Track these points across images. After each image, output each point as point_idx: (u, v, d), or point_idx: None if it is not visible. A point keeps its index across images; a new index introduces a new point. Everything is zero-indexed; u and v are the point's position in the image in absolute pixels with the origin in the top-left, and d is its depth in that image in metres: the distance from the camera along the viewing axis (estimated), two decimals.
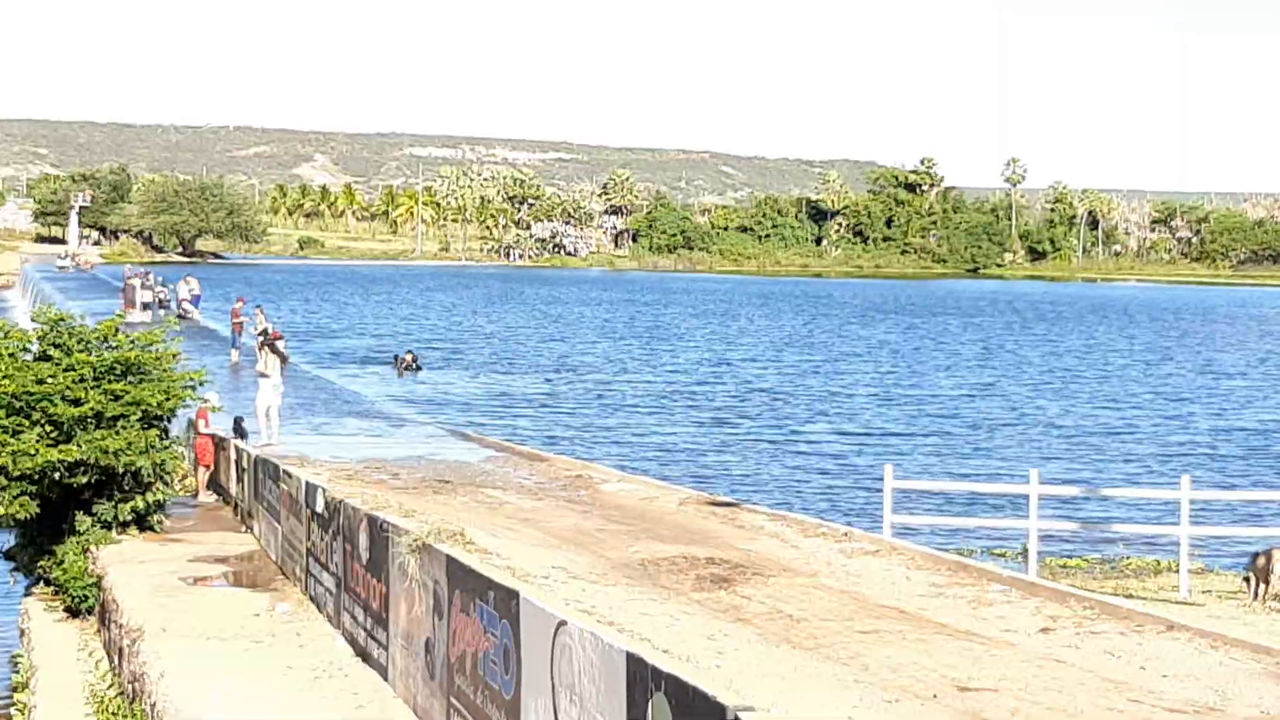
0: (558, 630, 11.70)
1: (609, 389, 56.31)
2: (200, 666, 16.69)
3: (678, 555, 15.37)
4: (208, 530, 25.02)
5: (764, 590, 13.65)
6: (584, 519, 18.14)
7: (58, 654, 20.68)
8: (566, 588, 13.40)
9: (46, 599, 23.38)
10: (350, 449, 26.26)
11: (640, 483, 22.24)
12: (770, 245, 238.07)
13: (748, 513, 18.65)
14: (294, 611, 19.39)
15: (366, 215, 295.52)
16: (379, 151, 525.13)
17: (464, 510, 18.38)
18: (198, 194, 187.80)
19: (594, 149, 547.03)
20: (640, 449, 40.85)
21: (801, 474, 37.60)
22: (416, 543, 15.25)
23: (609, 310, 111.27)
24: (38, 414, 23.20)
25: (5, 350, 24.19)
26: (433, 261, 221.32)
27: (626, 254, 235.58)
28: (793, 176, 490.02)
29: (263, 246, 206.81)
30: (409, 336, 77.89)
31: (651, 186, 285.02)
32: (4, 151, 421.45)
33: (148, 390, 23.91)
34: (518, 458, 25.71)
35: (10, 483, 22.86)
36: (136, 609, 19.19)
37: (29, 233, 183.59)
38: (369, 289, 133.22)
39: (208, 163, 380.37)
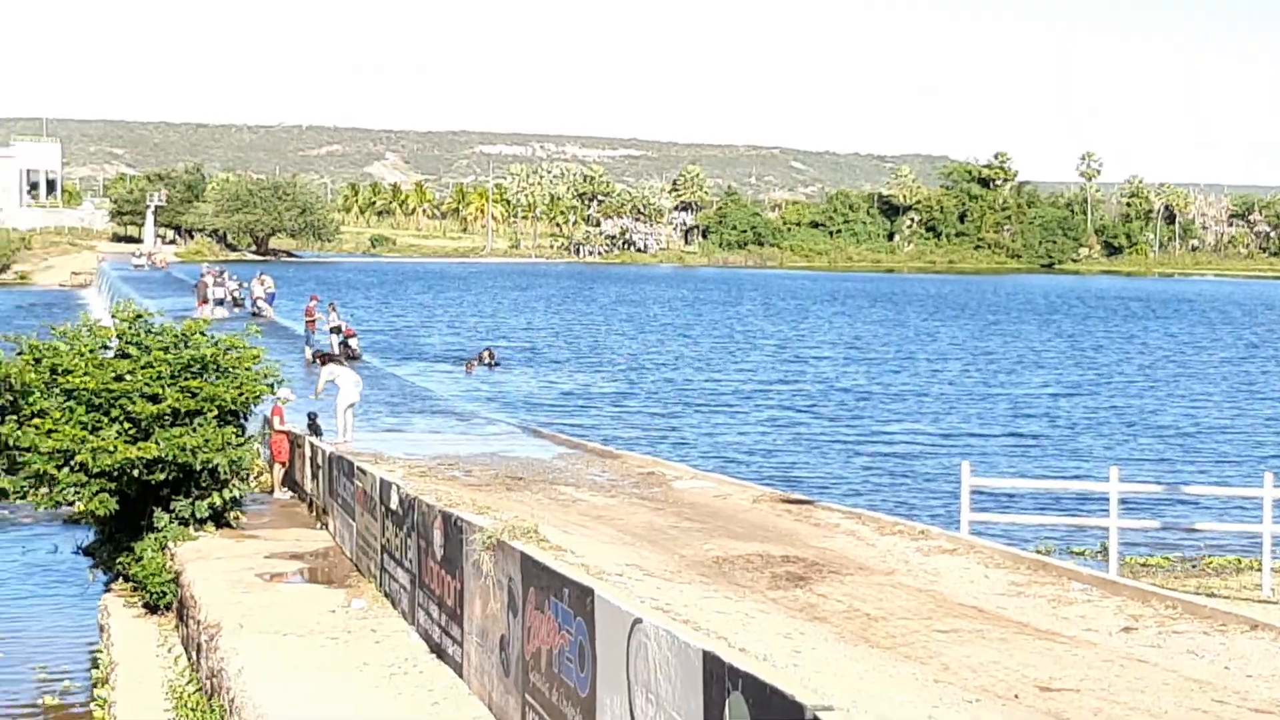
0: (633, 628, 11.63)
1: (680, 386, 56.24)
2: (277, 662, 16.75)
3: (752, 553, 15.29)
4: (284, 527, 25.14)
5: (840, 588, 13.55)
6: (657, 516, 18.09)
7: (137, 650, 20.83)
8: (641, 585, 13.34)
9: (126, 595, 23.57)
10: (424, 446, 26.33)
11: (713, 480, 22.16)
12: (842, 241, 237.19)
13: (823, 510, 18.54)
14: (369, 608, 19.44)
15: (437, 213, 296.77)
16: (450, 149, 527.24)
17: (537, 507, 18.37)
18: (271, 193, 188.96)
19: (664, 145, 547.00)
20: (712, 446, 40.76)
21: (876, 472, 37.38)
22: (490, 540, 15.24)
23: (680, 307, 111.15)
24: (117, 411, 23.40)
25: (85, 348, 24.42)
26: (503, 259, 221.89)
27: (696, 250, 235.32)
28: (864, 171, 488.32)
29: (335, 245, 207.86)
30: (481, 334, 78.09)
31: (722, 182, 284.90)
32: (81, 152, 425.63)
33: (223, 387, 24.07)
34: (590, 454, 25.69)
35: (90, 479, 23.07)
36: (214, 605, 19.30)
37: (105, 232, 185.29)
38: (440, 286, 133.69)
39: (281, 162, 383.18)
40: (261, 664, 16.69)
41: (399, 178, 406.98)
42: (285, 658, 16.96)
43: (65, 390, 23.38)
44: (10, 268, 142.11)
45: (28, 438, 22.76)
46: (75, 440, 22.75)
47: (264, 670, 16.48)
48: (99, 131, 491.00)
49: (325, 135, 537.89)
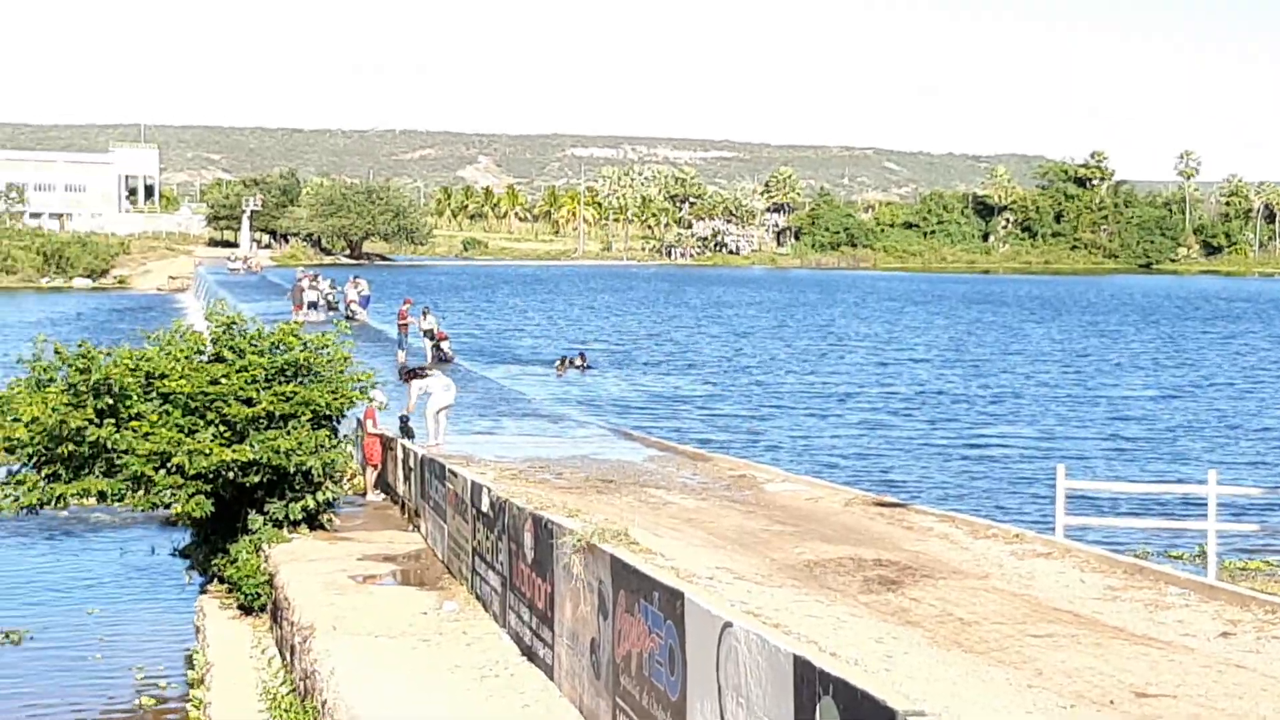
0: (723, 632, 11.57)
1: (773, 389, 56.07)
2: (369, 664, 16.82)
3: (844, 556, 15.18)
4: (376, 529, 25.28)
5: (933, 592, 13.41)
6: (748, 519, 18.00)
7: (232, 651, 21.01)
8: (731, 589, 13.27)
9: (221, 596, 23.78)
10: (514, 448, 26.38)
11: (805, 482, 22.04)
12: (936, 241, 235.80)
13: (916, 514, 18.37)
14: (461, 610, 19.48)
15: (529, 216, 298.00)
16: (542, 153, 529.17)
17: (628, 510, 18.34)
18: (364, 197, 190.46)
19: (756, 147, 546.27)
20: (805, 449, 40.59)
21: (971, 475, 37.07)
22: (581, 542, 15.22)
23: (772, 309, 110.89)
24: (212, 414, 23.63)
25: (181, 352, 24.68)
26: (594, 261, 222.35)
27: (789, 252, 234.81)
28: (958, 172, 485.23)
29: (428, 248, 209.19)
30: (572, 337, 78.27)
31: (814, 184, 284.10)
32: (179, 158, 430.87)
33: (317, 391, 24.24)
34: (681, 457, 25.64)
35: (186, 481, 23.30)
36: (307, 606, 19.41)
37: (202, 237, 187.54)
38: (531, 289, 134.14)
39: (374, 166, 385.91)
40: (354, 666, 16.76)
41: (491, 181, 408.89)
42: (377, 659, 17.02)
43: (162, 394, 23.63)
44: (109, 272, 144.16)
45: (125, 440, 23.02)
46: (172, 443, 22.98)
47: (356, 672, 16.55)
48: (196, 137, 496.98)
49: (418, 139, 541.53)
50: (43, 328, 65.24)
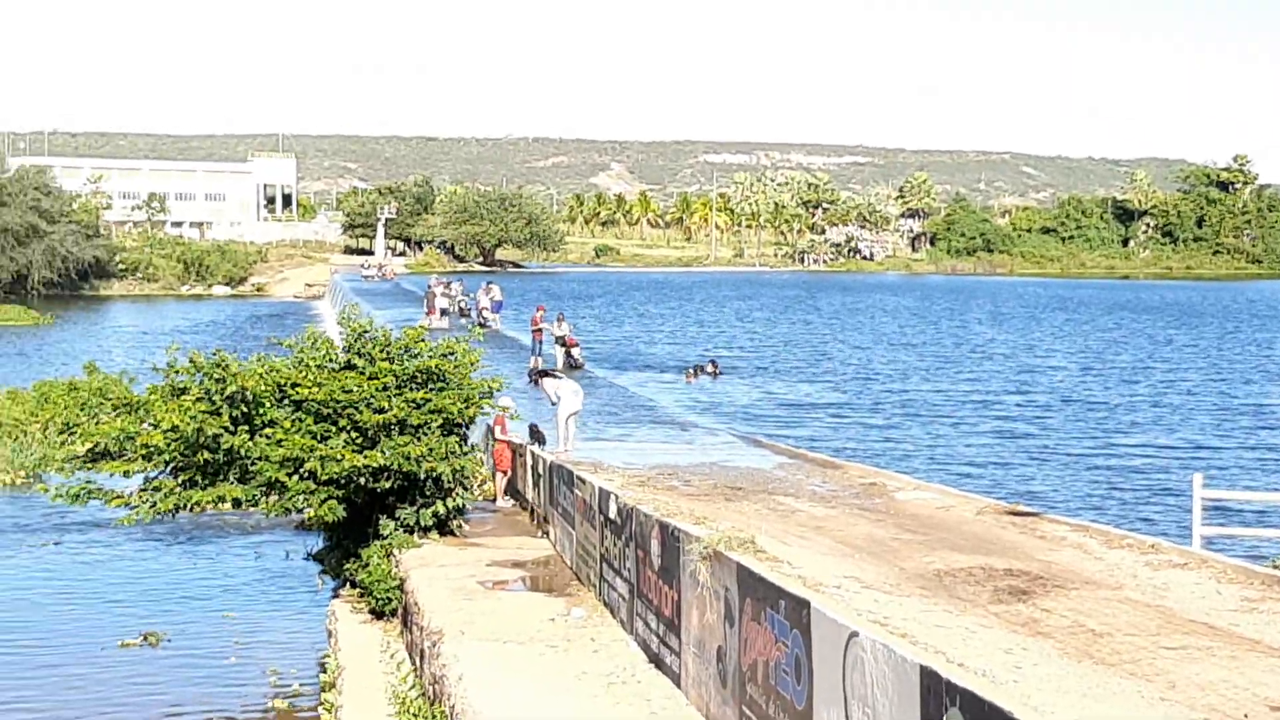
0: (849, 641, 11.48)
1: (906, 397, 55.65)
2: (497, 669, 16.89)
3: (975, 566, 14.97)
4: (505, 535, 25.39)
5: (1065, 603, 13.18)
6: (877, 528, 17.82)
7: (363, 655, 21.20)
8: (859, 598, 13.14)
9: (352, 601, 24.02)
10: (643, 455, 26.36)
11: (936, 491, 21.79)
12: (1074, 247, 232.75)
13: (1048, 523, 18.08)
14: (588, 617, 19.51)
15: (661, 223, 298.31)
16: (674, 159, 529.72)
17: (755, 517, 18.23)
18: (498, 204, 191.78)
19: (891, 152, 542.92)
20: (937, 458, 40.23)
21: (1106, 485, 36.52)
22: (707, 550, 15.17)
23: (906, 316, 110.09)
24: (344, 421, 23.89)
25: (313, 360, 24.97)
26: (726, 268, 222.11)
27: (924, 258, 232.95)
28: (1098, 176, 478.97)
29: (560, 255, 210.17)
30: (703, 343, 78.23)
31: (950, 189, 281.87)
32: (316, 167, 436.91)
33: (448, 398, 24.42)
34: (810, 465, 25.47)
35: (319, 487, 23.60)
36: (437, 611, 19.54)
37: (338, 245, 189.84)
38: (663, 296, 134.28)
39: (508, 174, 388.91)
40: (482, 671, 16.84)
41: (624, 188, 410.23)
42: (505, 665, 17.09)
43: (295, 401, 23.93)
44: (247, 280, 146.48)
45: (258, 448, 23.34)
46: (304, 449, 23.27)
47: (484, 677, 16.62)
48: (333, 146, 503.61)
49: (551, 147, 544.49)
50: (181, 335, 66.43)
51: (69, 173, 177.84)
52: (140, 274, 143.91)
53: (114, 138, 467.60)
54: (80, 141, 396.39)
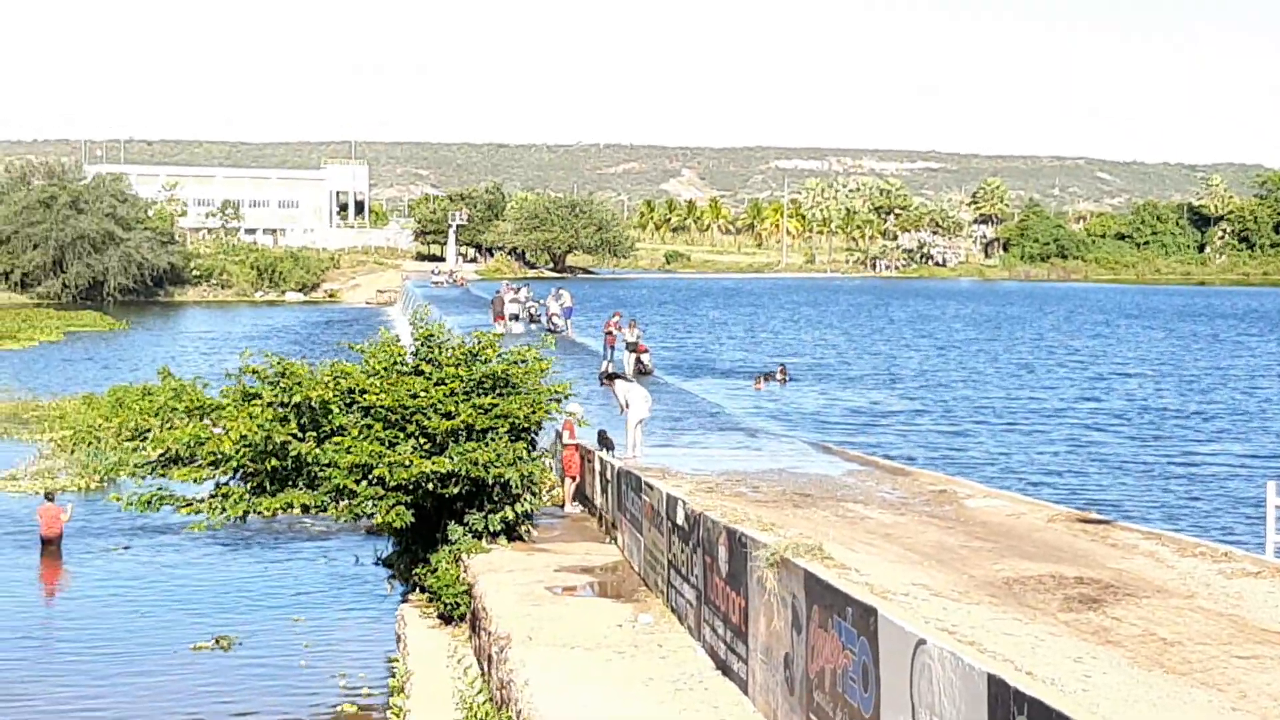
0: (917, 649, 11.41)
1: (977, 404, 55.30)
2: (564, 675, 16.90)
3: (1045, 574, 14.84)
4: (573, 541, 25.40)
5: (1136, 611, 13.04)
6: (947, 535, 17.70)
7: (431, 660, 21.26)
8: (927, 605, 13.05)
9: (421, 605, 24.08)
10: (711, 462, 26.30)
11: (1007, 498, 21.62)
12: (1149, 253, 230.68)
13: (1120, 531, 17.91)
14: (656, 623, 19.49)
15: (732, 229, 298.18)
16: (745, 165, 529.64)
17: (823, 524, 18.15)
18: (568, 211, 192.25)
19: (964, 157, 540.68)
20: (1009, 465, 39.95)
21: (1181, 493, 36.15)
22: (774, 557, 15.12)
23: (978, 323, 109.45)
24: (412, 426, 23.98)
25: (381, 366, 25.08)
26: (797, 274, 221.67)
27: (997, 264, 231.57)
28: (1173, 181, 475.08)
29: (630, 261, 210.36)
30: (773, 350, 78.07)
31: (1024, 194, 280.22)
32: (388, 174, 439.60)
33: (515, 403, 24.45)
34: (880, 471, 25.34)
35: (388, 492, 23.69)
36: (504, 617, 19.57)
37: (410, 251, 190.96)
38: (733, 302, 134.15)
39: (579, 180, 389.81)
40: (549, 676, 16.85)
41: (694, 194, 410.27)
42: (572, 670, 17.09)
43: (363, 407, 24.04)
44: (320, 286, 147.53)
45: (327, 454, 23.45)
46: (373, 455, 23.36)
47: (551, 682, 16.63)
48: (405, 153, 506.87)
49: (622, 153, 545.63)
50: (253, 340, 66.89)
51: (145, 180, 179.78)
52: (214, 280, 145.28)
53: (189, 146, 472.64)
54: (156, 149, 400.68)
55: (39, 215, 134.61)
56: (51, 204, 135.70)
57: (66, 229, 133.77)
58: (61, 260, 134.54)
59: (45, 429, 45.34)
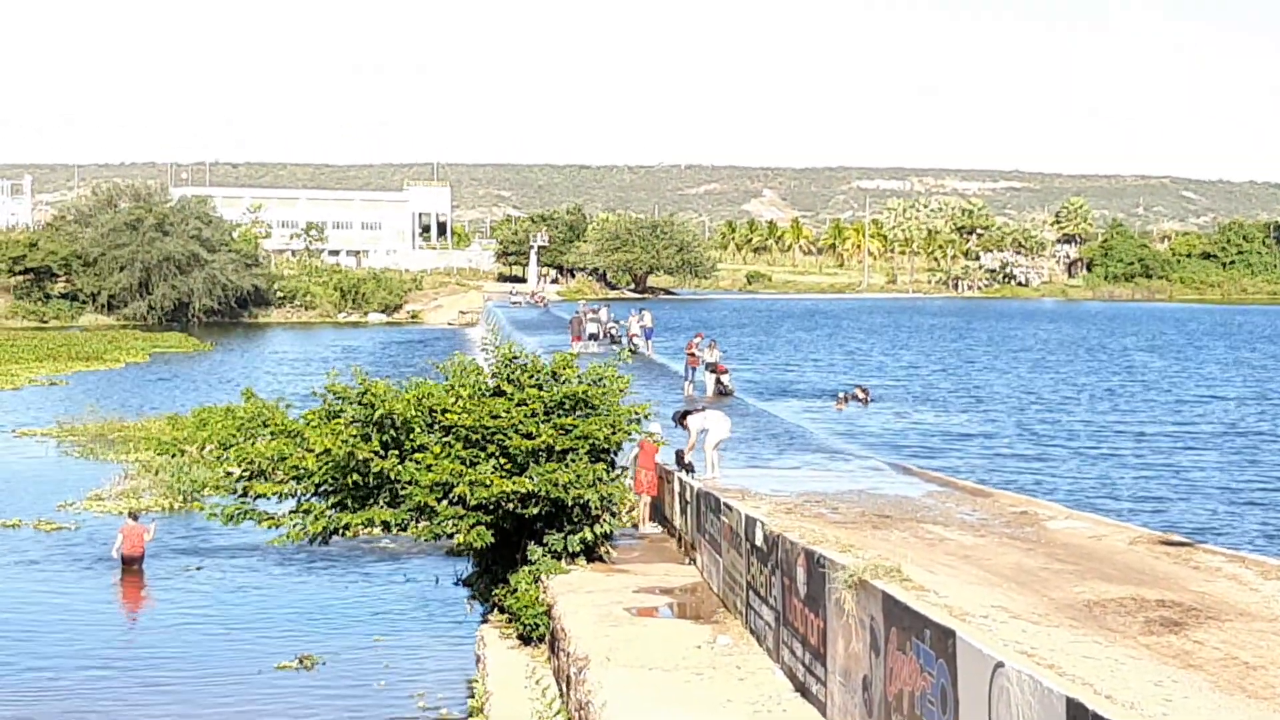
0: (995, 671, 11.35)
1: (1060, 426, 54.85)
2: (642, 697, 16.90)
3: (1126, 596, 14.71)
4: (652, 562, 25.38)
5: (1218, 635, 12.90)
6: (1027, 557, 17.57)
7: (510, 680, 21.29)
8: (1006, 628, 12.96)
9: (501, 626, 24.14)
10: (790, 483, 26.23)
11: (1089, 520, 21.44)
12: (1235, 272, 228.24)
13: (1203, 553, 17.71)
14: (734, 644, 19.45)
15: (813, 249, 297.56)
16: (827, 185, 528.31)
17: (902, 546, 18.07)
18: (649, 231, 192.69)
19: (1047, 177, 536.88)
20: (1092, 487, 39.59)
21: (1267, 516, 35.72)
22: (853, 578, 15.07)
23: (1062, 344, 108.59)
24: (493, 447, 24.07)
25: (463, 386, 25.19)
26: (879, 294, 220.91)
27: (1080, 283, 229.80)
28: (1260, 200, 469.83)
29: (712, 282, 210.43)
30: (853, 370, 77.80)
31: (1108, 214, 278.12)
32: (470, 195, 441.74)
33: (595, 424, 24.49)
34: (960, 493, 25.19)
35: (468, 512, 23.78)
36: (583, 637, 19.59)
37: (492, 272, 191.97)
38: (814, 323, 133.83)
39: (660, 201, 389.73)
40: (627, 697, 16.85)
41: (776, 214, 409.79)
42: (650, 692, 17.09)
43: (444, 427, 24.17)
44: (403, 307, 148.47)
45: (408, 472, 23.60)
46: (454, 474, 23.47)
47: (629, 704, 16.63)
48: (487, 175, 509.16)
49: (703, 174, 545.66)
50: (336, 361, 67.35)
51: (229, 202, 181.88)
52: (298, 301, 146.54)
53: (274, 168, 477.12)
54: (241, 172, 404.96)
55: (125, 238, 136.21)
56: (138, 226, 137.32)
57: (152, 251, 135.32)
58: (147, 282, 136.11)
59: (130, 449, 45.88)
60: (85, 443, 49.15)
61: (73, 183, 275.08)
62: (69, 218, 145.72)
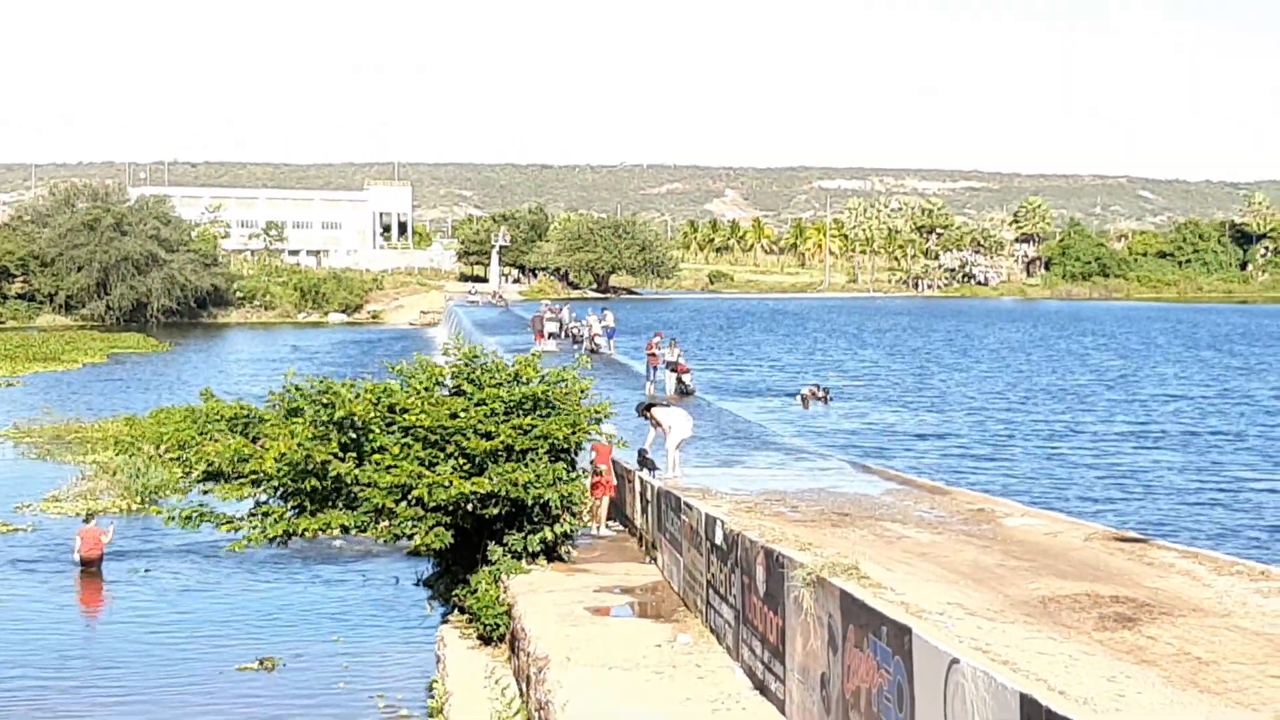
0: (950, 668, 11.44)
1: (1016, 424, 55.12)
2: (602, 696, 16.94)
3: (1080, 593, 14.82)
4: (613, 561, 25.42)
5: (1171, 630, 13.02)
6: (984, 554, 17.69)
7: (470, 680, 21.30)
8: (962, 624, 13.06)
9: (461, 626, 24.14)
10: (751, 481, 26.29)
11: (1045, 517, 21.58)
12: (1191, 271, 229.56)
13: (1157, 549, 17.85)
14: (694, 643, 19.52)
15: (775, 249, 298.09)
16: (788, 185, 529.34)
17: (860, 543, 18.16)
18: (611, 231, 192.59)
19: (1006, 177, 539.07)
20: (1049, 486, 39.80)
21: (1216, 511, 36.00)
22: (811, 576, 15.16)
23: (1020, 344, 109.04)
24: (452, 447, 24.06)
25: (421, 384, 25.18)
26: (840, 293, 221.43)
27: (1038, 282, 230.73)
28: (1215, 199, 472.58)
29: (674, 281, 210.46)
30: (813, 369, 77.97)
31: (1066, 213, 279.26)
32: (431, 194, 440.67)
33: (555, 424, 24.50)
34: (918, 491, 25.30)
35: (427, 513, 23.76)
36: (543, 637, 19.62)
37: (453, 272, 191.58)
38: (776, 322, 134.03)
39: (622, 200, 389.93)
40: (586, 696, 16.90)
41: (738, 214, 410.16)
42: (610, 691, 17.14)
43: (403, 427, 24.15)
44: (363, 307, 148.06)
45: (366, 474, 23.57)
46: (412, 476, 23.44)
47: (589, 703, 16.68)
48: (449, 174, 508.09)
49: (665, 174, 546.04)
50: (296, 361, 67.13)
51: (188, 202, 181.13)
52: (257, 301, 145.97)
53: (233, 168, 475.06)
54: (200, 171, 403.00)
55: (83, 238, 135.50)
56: (95, 226, 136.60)
57: (110, 251, 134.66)
58: (105, 282, 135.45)
59: (88, 450, 45.67)
60: (42, 444, 48.93)
61: (30, 182, 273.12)
62: (26, 218, 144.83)
